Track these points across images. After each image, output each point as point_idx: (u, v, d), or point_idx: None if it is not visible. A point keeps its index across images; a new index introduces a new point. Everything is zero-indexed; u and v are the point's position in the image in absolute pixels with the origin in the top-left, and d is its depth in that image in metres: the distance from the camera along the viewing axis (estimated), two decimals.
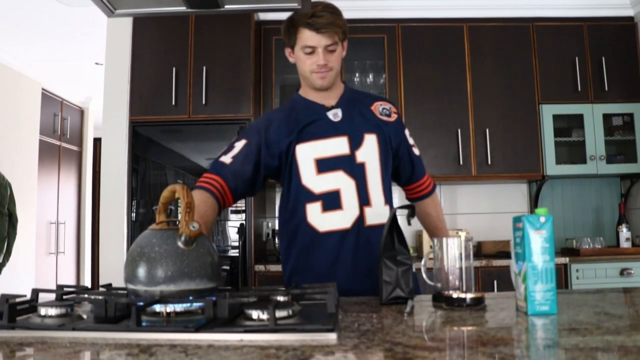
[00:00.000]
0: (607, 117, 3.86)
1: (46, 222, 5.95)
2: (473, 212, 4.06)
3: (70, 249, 6.49)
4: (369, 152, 1.77)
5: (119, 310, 1.05)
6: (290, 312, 1.01)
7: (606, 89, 3.81)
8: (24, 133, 5.50)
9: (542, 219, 1.17)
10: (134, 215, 3.46)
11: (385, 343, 0.89)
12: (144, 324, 1.00)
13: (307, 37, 1.72)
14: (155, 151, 3.51)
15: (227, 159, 1.78)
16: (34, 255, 5.59)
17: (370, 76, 3.96)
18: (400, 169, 1.90)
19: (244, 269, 3.34)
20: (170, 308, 1.06)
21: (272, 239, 3.92)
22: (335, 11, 1.74)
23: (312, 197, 1.73)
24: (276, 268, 3.39)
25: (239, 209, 3.43)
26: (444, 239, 1.36)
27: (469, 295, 1.23)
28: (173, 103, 3.49)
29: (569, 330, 1.04)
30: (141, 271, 1.13)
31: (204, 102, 3.48)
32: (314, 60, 1.75)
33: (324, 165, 1.74)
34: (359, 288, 1.63)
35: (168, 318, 1.06)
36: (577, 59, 3.83)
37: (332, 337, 0.90)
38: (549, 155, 3.75)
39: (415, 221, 1.75)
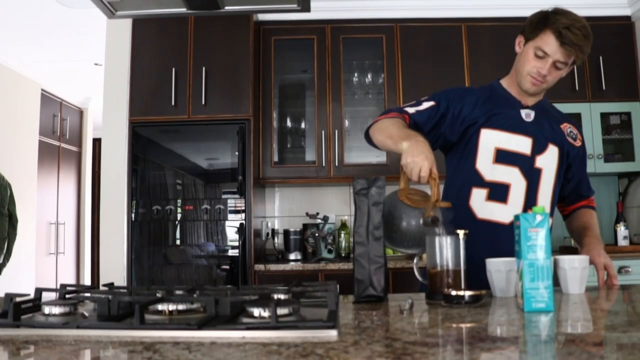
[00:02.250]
0: (604, 116, 3.88)
1: (46, 223, 5.96)
2: None
3: (70, 249, 6.49)
4: (549, 161, 1.77)
5: (122, 308, 1.07)
6: (292, 309, 1.02)
7: (604, 88, 3.82)
8: (23, 134, 5.51)
9: (539, 217, 1.19)
10: (133, 215, 3.47)
11: (385, 339, 0.90)
12: (146, 322, 1.01)
13: (549, 42, 1.68)
14: (155, 151, 3.52)
15: (412, 110, 1.78)
16: (34, 256, 5.60)
17: (369, 76, 3.98)
18: (573, 188, 1.90)
19: (243, 269, 3.36)
20: (172, 306, 1.08)
21: (272, 238, 3.93)
22: (588, 36, 1.68)
23: (481, 182, 1.73)
24: (276, 267, 3.40)
25: (239, 209, 3.44)
26: (437, 238, 1.37)
27: (467, 293, 1.25)
28: (172, 103, 3.50)
29: (565, 326, 1.06)
30: None
31: (203, 103, 3.49)
32: (538, 65, 1.72)
33: (503, 156, 1.74)
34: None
35: (171, 316, 1.07)
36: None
37: (332, 333, 0.92)
38: None
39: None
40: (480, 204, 1.73)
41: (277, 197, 4.14)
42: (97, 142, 6.66)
